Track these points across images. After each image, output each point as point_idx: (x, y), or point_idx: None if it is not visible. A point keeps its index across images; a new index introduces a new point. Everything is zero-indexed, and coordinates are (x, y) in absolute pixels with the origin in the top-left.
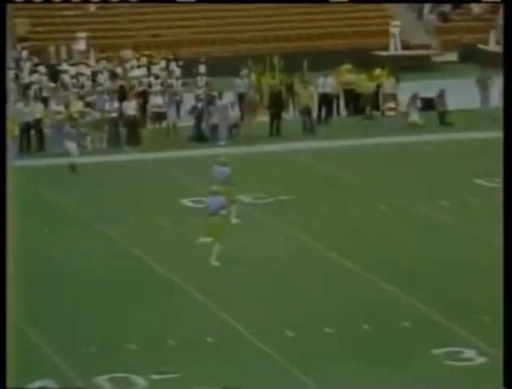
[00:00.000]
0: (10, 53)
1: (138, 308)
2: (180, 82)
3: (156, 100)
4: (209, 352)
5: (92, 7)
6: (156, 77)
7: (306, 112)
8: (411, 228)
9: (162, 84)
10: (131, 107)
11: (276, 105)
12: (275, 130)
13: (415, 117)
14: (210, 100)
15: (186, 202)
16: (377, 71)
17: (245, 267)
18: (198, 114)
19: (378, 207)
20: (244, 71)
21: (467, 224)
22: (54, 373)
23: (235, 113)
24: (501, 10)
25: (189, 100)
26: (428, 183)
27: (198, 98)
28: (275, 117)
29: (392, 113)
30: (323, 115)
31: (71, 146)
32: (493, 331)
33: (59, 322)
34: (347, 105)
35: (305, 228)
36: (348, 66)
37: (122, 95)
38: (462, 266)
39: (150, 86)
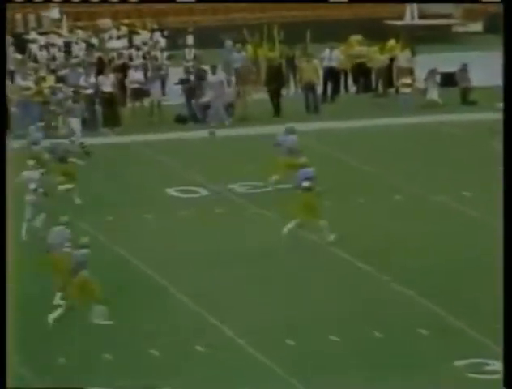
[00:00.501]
0: None
1: (118, 312)
2: (165, 54)
3: (137, 75)
4: (199, 363)
5: None
6: (138, 49)
7: (309, 88)
8: (427, 221)
9: (144, 57)
10: (109, 82)
11: (276, 81)
12: (275, 109)
13: (433, 94)
14: (200, 75)
15: (172, 191)
16: (391, 43)
17: (240, 264)
18: (187, 91)
19: (391, 196)
20: (238, 45)
21: (492, 217)
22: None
23: (230, 91)
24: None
25: (175, 76)
26: (448, 170)
27: (187, 70)
28: (275, 94)
29: (407, 90)
30: (329, 92)
31: (74, 123)
32: None
33: (30, 323)
34: (356, 81)
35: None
36: (358, 37)
37: (100, 69)
38: (486, 267)
39: (131, 59)
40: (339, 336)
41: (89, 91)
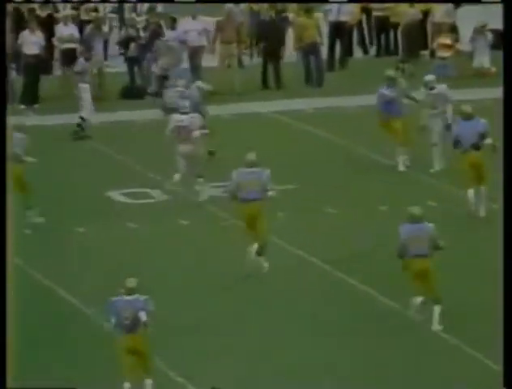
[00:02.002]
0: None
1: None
2: (109, 4)
3: (68, 30)
4: None
5: None
6: None
7: (311, 51)
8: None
9: (77, 8)
10: (33, 42)
11: (271, 39)
12: (273, 78)
13: (483, 59)
14: (155, 32)
15: (117, 195)
16: None
17: (208, 294)
18: (134, 54)
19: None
20: None
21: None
22: None
23: (198, 53)
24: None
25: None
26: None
27: (132, 25)
28: (271, 57)
29: (447, 54)
30: (337, 55)
31: (85, 91)
32: None
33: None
34: (374, 40)
35: (306, 234)
36: None
37: (18, 24)
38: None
39: (56, 10)
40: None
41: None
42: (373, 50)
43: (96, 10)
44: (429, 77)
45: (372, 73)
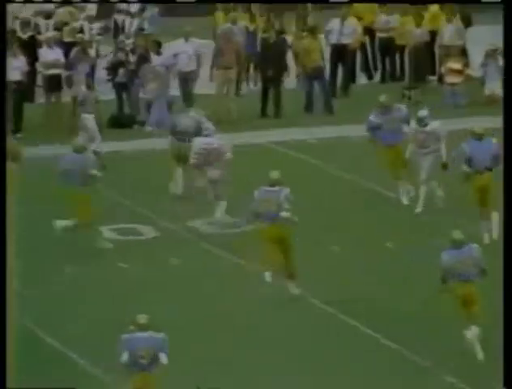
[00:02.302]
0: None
1: None
2: (96, 25)
3: (53, 55)
4: None
5: None
6: (48, 17)
7: (316, 76)
8: None
9: (60, 28)
10: (15, 67)
11: (273, 65)
12: (273, 106)
13: (495, 85)
14: (142, 56)
15: (104, 231)
16: (433, 9)
17: (216, 331)
18: (125, 79)
19: (432, 240)
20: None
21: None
22: None
23: (189, 79)
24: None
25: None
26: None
27: (121, 48)
28: (271, 83)
29: (457, 80)
30: (339, 81)
31: (90, 122)
32: None
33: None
34: (379, 65)
35: (307, 273)
36: None
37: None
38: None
39: (38, 32)
40: None
41: None
42: (377, 76)
43: (81, 31)
44: (422, 113)
45: (376, 100)
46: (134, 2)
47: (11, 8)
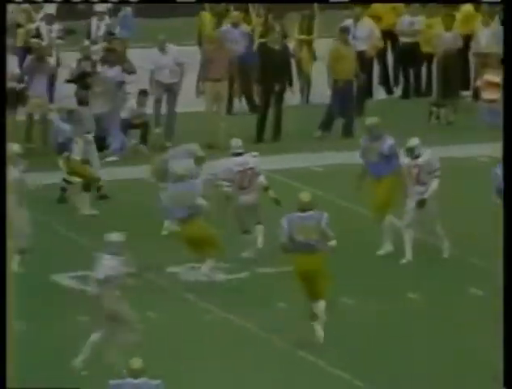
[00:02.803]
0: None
1: None
2: (56, 26)
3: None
4: None
5: None
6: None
7: (345, 91)
8: None
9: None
10: None
11: (275, 76)
12: (272, 127)
13: None
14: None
15: (64, 279)
16: (466, 9)
17: None
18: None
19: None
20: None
21: None
22: None
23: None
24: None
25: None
26: None
27: (86, 57)
28: (272, 99)
29: (496, 96)
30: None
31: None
32: None
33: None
34: (401, 77)
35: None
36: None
37: None
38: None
39: None
40: None
41: None
42: (398, 90)
43: (38, 35)
44: (413, 142)
45: (397, 120)
46: (134, 2)
47: None
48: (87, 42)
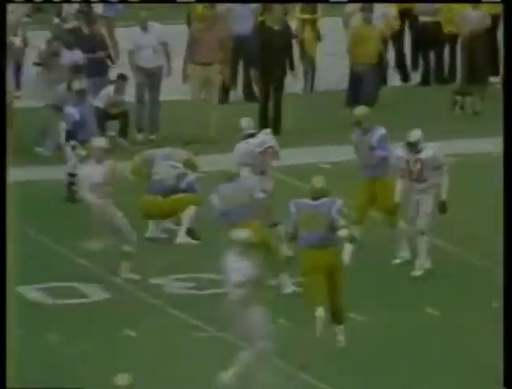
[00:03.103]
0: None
1: None
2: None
3: None
4: None
5: None
6: None
7: (365, 77)
8: None
9: None
10: None
11: (276, 60)
12: (272, 119)
13: None
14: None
15: (32, 291)
16: None
17: None
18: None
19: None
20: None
21: None
22: None
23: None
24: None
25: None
26: None
27: (59, 38)
28: (274, 89)
29: None
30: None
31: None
32: None
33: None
34: (418, 60)
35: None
36: None
37: None
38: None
39: None
40: None
41: None
42: (417, 76)
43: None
44: (415, 135)
45: (414, 110)
46: (134, 2)
47: None
48: (57, 20)
